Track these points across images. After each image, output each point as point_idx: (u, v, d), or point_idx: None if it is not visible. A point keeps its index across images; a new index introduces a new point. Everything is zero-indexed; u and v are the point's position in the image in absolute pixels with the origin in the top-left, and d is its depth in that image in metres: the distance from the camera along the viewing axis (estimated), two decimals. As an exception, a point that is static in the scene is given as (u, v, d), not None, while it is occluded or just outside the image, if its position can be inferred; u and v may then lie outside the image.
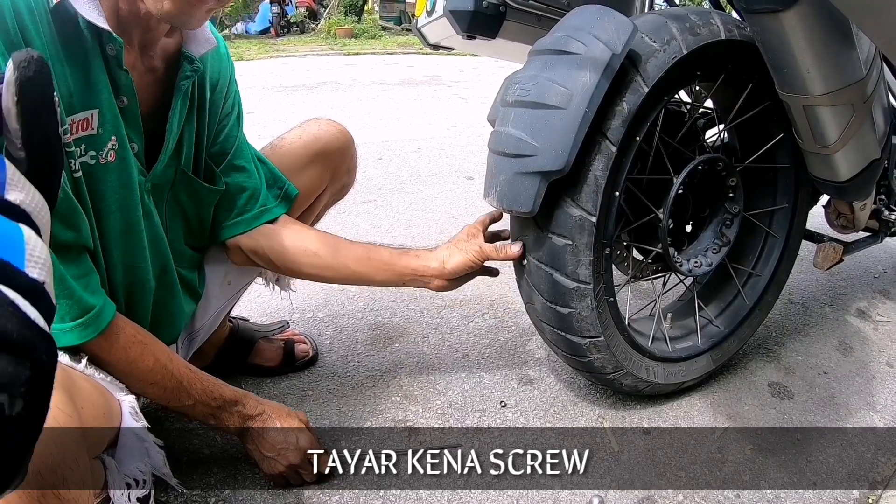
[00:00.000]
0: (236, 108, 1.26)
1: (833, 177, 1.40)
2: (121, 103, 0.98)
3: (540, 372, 1.65)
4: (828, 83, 1.17)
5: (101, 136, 0.96)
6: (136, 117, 1.01)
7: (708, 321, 1.63)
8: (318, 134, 1.41)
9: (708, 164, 1.40)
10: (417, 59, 9.09)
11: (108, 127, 0.97)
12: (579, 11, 1.23)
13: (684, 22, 1.23)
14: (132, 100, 0.99)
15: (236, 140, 1.25)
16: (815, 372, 1.75)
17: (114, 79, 0.95)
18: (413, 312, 1.94)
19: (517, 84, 1.20)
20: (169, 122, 1.06)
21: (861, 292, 2.28)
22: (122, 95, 0.98)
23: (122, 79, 0.96)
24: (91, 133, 0.95)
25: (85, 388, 0.90)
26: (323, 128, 1.43)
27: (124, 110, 0.99)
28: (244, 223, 1.26)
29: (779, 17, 1.07)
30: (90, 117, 0.94)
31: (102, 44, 0.92)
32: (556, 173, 1.12)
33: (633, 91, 1.17)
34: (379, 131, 4.41)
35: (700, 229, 1.57)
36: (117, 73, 0.95)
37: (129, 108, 1.00)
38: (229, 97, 1.23)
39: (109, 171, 1.00)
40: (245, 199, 1.26)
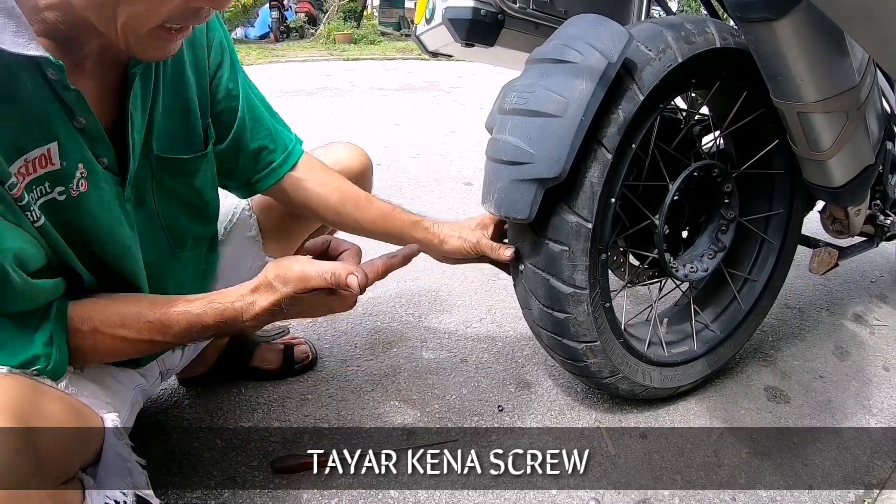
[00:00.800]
0: (226, 56, 1.16)
1: (827, 182, 1.42)
2: (78, 124, 0.88)
3: (537, 376, 1.67)
4: (821, 90, 1.19)
5: (66, 169, 0.88)
6: (98, 132, 0.91)
7: (704, 326, 1.64)
8: (341, 156, 1.43)
9: (703, 170, 1.42)
10: (416, 64, 9.10)
11: (71, 157, 0.88)
12: (576, 21, 1.25)
13: (679, 30, 1.25)
14: (89, 116, 0.88)
15: (240, 91, 1.19)
16: (812, 376, 1.76)
17: (63, 102, 0.85)
18: (412, 317, 1.95)
19: (515, 92, 1.21)
20: (130, 119, 0.95)
21: (857, 297, 2.29)
22: (77, 117, 0.87)
23: (71, 99, 0.85)
24: (54, 168, 0.86)
25: (53, 411, 0.84)
26: (346, 151, 1.46)
27: (84, 130, 0.89)
28: (273, 174, 1.27)
29: (772, 26, 1.08)
30: (47, 152, 0.85)
31: (41, 67, 0.81)
32: (552, 180, 1.13)
33: (628, 99, 1.19)
34: (378, 137, 4.42)
35: (696, 235, 1.58)
36: (65, 95, 0.84)
37: (89, 126, 0.89)
38: (212, 48, 1.13)
39: (84, 202, 0.92)
40: (267, 153, 1.25)
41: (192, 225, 1.18)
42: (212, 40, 1.12)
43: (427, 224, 1.35)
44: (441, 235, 1.35)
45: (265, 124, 1.24)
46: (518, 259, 1.32)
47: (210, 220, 1.24)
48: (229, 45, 1.17)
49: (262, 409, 1.50)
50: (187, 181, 1.13)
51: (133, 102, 0.95)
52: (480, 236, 1.34)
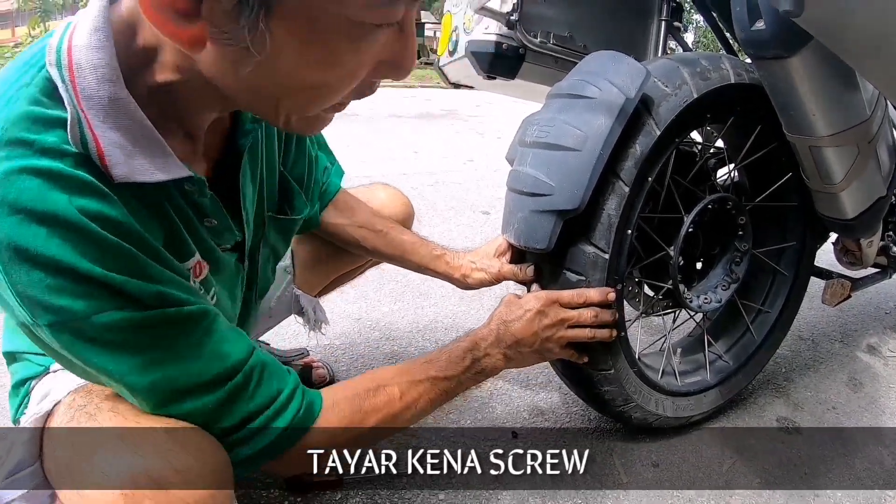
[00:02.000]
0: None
1: (839, 215, 1.43)
2: (209, 224, 0.85)
3: (551, 404, 1.68)
4: (832, 125, 1.21)
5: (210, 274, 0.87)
6: (227, 226, 0.89)
7: (717, 356, 1.65)
8: (384, 201, 1.46)
9: (718, 202, 1.44)
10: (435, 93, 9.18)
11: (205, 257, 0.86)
12: (595, 57, 1.28)
13: (695, 66, 1.28)
14: (221, 217, 0.86)
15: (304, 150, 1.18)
16: (824, 407, 1.76)
17: (197, 207, 0.81)
18: (428, 343, 1.97)
19: (535, 125, 1.24)
20: (242, 194, 0.91)
21: (871, 328, 2.29)
22: (209, 218, 0.84)
23: (206, 205, 0.82)
24: (205, 275, 0.86)
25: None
26: (389, 196, 1.48)
27: (214, 228, 0.86)
28: (314, 220, 1.29)
29: (784, 63, 1.10)
30: (200, 260, 0.84)
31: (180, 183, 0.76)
32: (571, 212, 1.16)
33: (645, 133, 1.21)
34: (396, 164, 4.45)
35: (710, 266, 1.60)
36: (201, 202, 0.81)
37: (221, 223, 0.87)
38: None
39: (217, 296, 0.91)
40: (308, 202, 1.23)
41: (272, 276, 1.20)
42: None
43: (448, 258, 1.39)
44: (462, 270, 1.38)
45: (317, 172, 1.25)
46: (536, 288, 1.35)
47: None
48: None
49: (278, 429, 1.52)
50: (286, 238, 1.16)
51: (243, 173, 0.91)
52: (501, 264, 1.36)
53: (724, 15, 1.64)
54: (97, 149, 0.66)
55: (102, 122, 0.66)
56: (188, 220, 0.80)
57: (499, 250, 1.39)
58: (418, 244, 1.38)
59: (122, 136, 0.67)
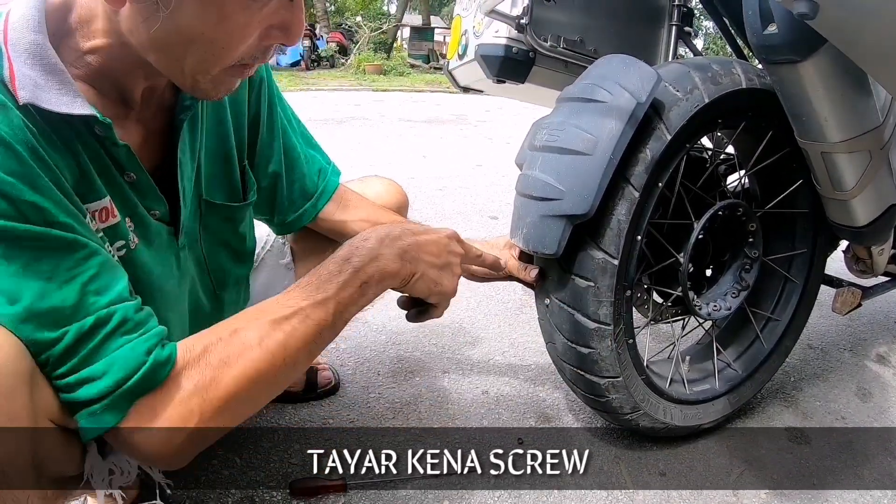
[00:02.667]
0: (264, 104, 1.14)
1: (851, 222, 1.42)
2: (128, 178, 0.86)
3: (558, 411, 1.67)
4: (845, 131, 1.20)
5: (121, 224, 0.86)
6: (149, 186, 0.90)
7: (726, 365, 1.64)
8: (379, 191, 1.44)
9: (728, 209, 1.43)
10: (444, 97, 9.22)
11: (122, 212, 0.86)
12: (606, 60, 1.27)
13: (706, 71, 1.27)
14: (139, 171, 0.87)
15: (279, 140, 1.18)
16: (833, 417, 1.75)
17: (113, 157, 0.83)
18: (434, 348, 1.97)
19: (545, 129, 1.23)
20: (179, 167, 0.94)
21: (881, 338, 2.28)
22: (127, 171, 0.86)
23: (121, 155, 0.84)
24: (115, 222, 0.85)
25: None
26: (383, 187, 1.47)
27: (135, 184, 0.88)
28: (307, 215, 1.27)
29: (796, 68, 1.10)
30: (109, 204, 0.84)
31: (89, 124, 0.79)
32: (580, 217, 1.15)
33: (656, 138, 1.21)
34: (405, 168, 4.47)
35: (719, 273, 1.58)
36: (114, 151, 0.83)
37: (140, 180, 0.88)
38: (253, 93, 1.11)
39: (137, 257, 0.90)
40: (302, 196, 1.25)
41: (234, 267, 1.19)
42: (254, 85, 1.11)
43: None
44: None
45: (301, 168, 1.24)
46: (544, 293, 1.34)
47: (248, 261, 1.26)
48: (270, 85, 1.16)
49: (282, 430, 1.52)
50: (232, 227, 1.14)
51: (182, 149, 0.94)
52: (508, 257, 1.36)
53: (736, 19, 1.64)
54: (10, 73, 0.72)
55: (21, 58, 0.73)
56: (103, 166, 0.83)
57: (508, 244, 1.38)
58: None
59: (35, 72, 0.73)
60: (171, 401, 0.77)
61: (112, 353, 0.74)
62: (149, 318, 0.80)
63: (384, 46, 13.69)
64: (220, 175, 1.07)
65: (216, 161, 1.05)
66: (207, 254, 1.10)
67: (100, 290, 0.75)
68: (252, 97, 1.11)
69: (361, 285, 0.90)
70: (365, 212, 1.32)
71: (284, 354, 0.84)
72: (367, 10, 28.01)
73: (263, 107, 1.14)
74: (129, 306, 0.77)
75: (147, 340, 0.77)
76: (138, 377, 0.74)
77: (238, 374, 0.80)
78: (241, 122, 1.10)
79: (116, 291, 0.76)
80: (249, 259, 1.26)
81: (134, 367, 0.74)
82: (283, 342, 0.83)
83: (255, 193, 1.16)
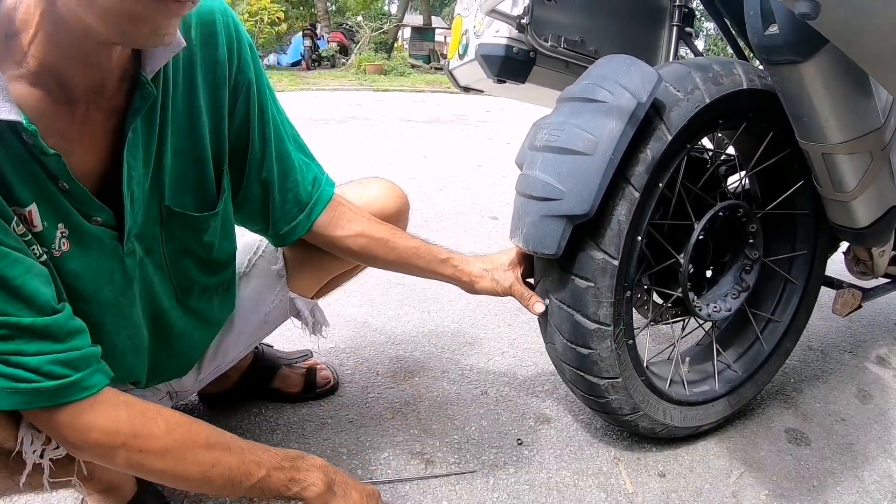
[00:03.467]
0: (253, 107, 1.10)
1: (851, 223, 1.42)
2: (62, 187, 0.84)
3: (557, 411, 1.67)
4: (846, 132, 1.20)
5: (46, 231, 0.85)
6: (83, 195, 0.87)
7: (726, 366, 1.64)
8: (377, 197, 1.40)
9: (729, 210, 1.43)
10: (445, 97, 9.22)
11: (51, 218, 0.85)
12: (606, 60, 1.27)
13: (707, 72, 1.27)
14: (70, 181, 0.84)
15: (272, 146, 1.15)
16: (833, 419, 1.74)
17: (44, 165, 0.81)
18: (434, 348, 1.96)
19: (545, 129, 1.23)
20: (126, 171, 0.90)
21: (881, 339, 2.27)
22: (60, 181, 0.84)
23: (51, 164, 0.81)
24: (36, 230, 0.84)
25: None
26: (381, 191, 1.42)
27: (69, 192, 0.85)
28: (301, 227, 1.23)
29: (798, 68, 1.09)
30: (28, 214, 0.82)
31: (16, 130, 0.76)
32: (580, 217, 1.15)
33: (657, 139, 1.20)
34: (406, 168, 4.47)
35: (720, 274, 1.58)
36: (44, 160, 0.80)
37: (73, 190, 0.85)
38: (239, 94, 1.07)
39: (65, 262, 0.89)
40: (295, 207, 1.21)
41: (201, 277, 1.17)
42: (240, 88, 1.07)
43: (456, 261, 1.35)
44: (471, 275, 1.35)
45: (295, 176, 1.20)
46: (544, 294, 1.34)
47: (219, 271, 1.22)
48: (261, 89, 1.10)
49: (281, 430, 1.52)
50: (197, 236, 1.10)
51: (131, 152, 0.90)
52: (514, 281, 1.35)
53: (737, 20, 1.64)
54: None
55: None
56: (32, 172, 0.81)
57: (513, 262, 1.37)
58: (422, 249, 1.33)
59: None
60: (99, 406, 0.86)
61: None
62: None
63: (385, 46, 13.72)
64: (192, 178, 1.04)
65: (186, 163, 1.02)
66: (170, 260, 1.08)
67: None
68: (239, 100, 1.07)
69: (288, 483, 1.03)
70: (360, 225, 1.27)
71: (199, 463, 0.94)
72: (368, 10, 27.98)
73: (253, 111, 1.09)
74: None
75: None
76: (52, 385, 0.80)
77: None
78: (219, 123, 1.05)
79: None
80: (223, 268, 1.23)
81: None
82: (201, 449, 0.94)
83: (226, 203, 1.13)
